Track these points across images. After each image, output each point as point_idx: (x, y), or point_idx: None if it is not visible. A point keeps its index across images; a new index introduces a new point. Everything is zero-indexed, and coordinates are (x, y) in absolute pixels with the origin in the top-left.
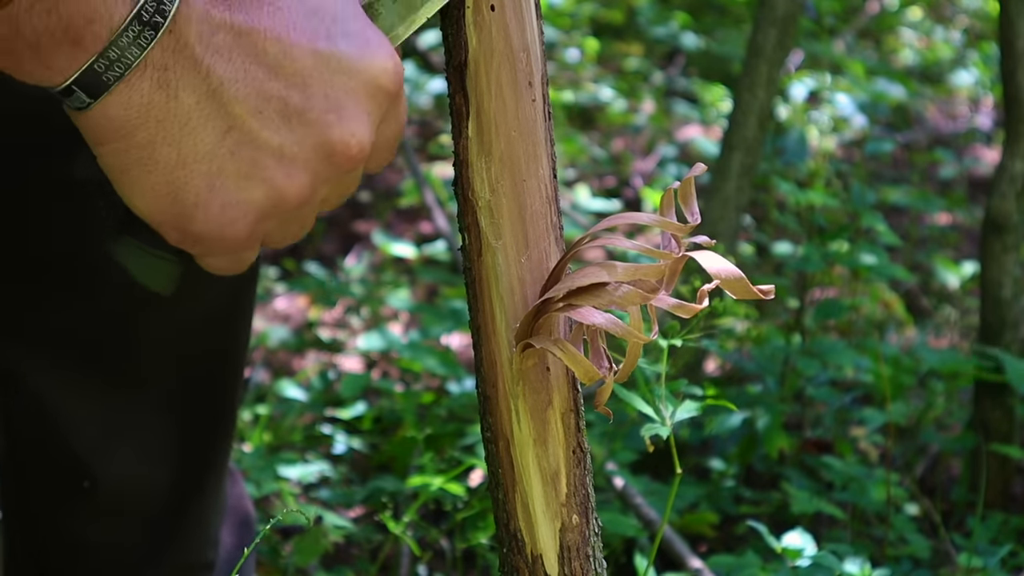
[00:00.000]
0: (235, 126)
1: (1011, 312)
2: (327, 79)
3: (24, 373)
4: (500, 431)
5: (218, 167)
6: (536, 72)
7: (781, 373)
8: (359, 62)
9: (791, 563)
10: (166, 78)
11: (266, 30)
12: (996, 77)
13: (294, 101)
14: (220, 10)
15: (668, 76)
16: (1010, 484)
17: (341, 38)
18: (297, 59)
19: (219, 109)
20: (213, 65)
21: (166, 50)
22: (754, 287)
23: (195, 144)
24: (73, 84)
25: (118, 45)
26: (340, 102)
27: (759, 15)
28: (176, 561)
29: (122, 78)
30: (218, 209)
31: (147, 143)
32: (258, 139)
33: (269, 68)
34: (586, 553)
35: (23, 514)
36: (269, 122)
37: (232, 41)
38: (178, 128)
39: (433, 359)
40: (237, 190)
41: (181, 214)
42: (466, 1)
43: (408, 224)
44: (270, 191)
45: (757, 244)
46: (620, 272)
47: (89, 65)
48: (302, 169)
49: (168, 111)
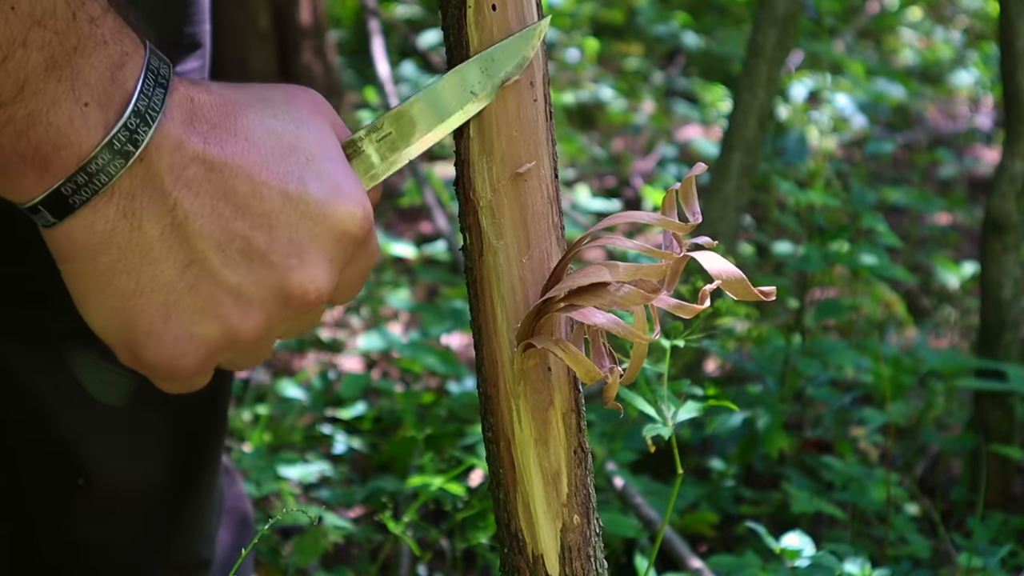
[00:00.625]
0: (196, 260)
1: (1011, 312)
2: (293, 222)
3: (18, 370)
4: (501, 431)
5: (175, 299)
6: (537, 72)
7: (781, 373)
8: (326, 207)
9: (791, 563)
10: (132, 207)
11: (238, 167)
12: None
13: (258, 242)
14: (195, 141)
15: (668, 76)
16: (1010, 484)
17: (312, 180)
18: (265, 199)
19: (182, 242)
20: (181, 198)
21: (135, 179)
22: (755, 288)
23: (154, 274)
24: (39, 204)
25: (87, 171)
26: (303, 246)
27: (759, 15)
28: (171, 559)
29: (88, 203)
30: (171, 341)
31: (107, 268)
32: (218, 276)
33: (237, 206)
34: (587, 553)
35: (18, 512)
36: (230, 260)
37: (203, 175)
38: (139, 257)
39: (433, 358)
40: (192, 324)
41: (134, 340)
42: (467, 1)
43: (408, 224)
44: (224, 328)
45: (757, 244)
46: (621, 272)
47: (55, 188)
48: (258, 309)
49: (131, 240)
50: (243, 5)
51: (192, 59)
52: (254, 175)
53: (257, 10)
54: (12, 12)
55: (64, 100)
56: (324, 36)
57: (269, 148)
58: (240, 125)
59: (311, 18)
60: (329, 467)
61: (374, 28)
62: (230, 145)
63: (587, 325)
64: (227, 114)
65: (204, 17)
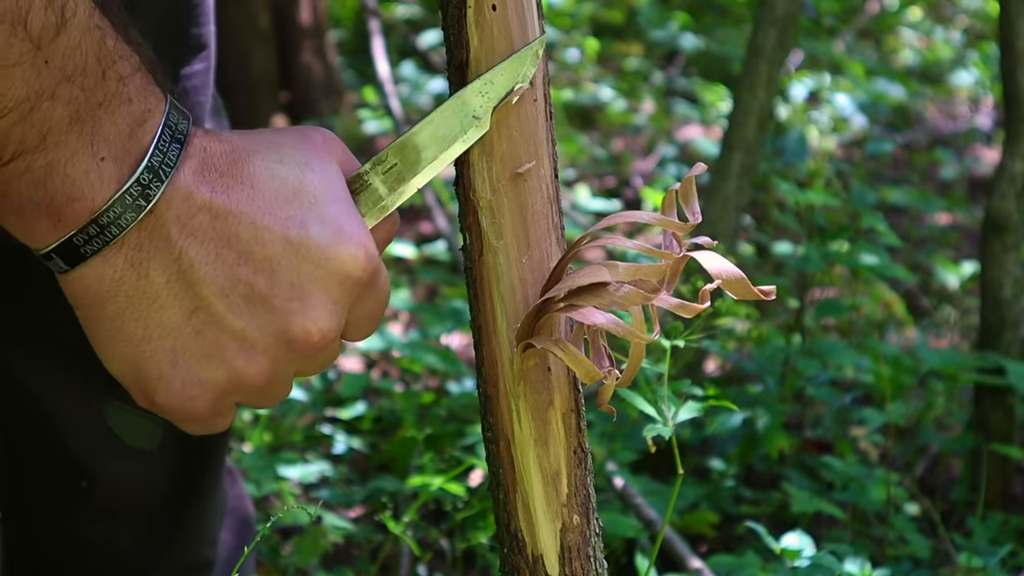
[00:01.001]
0: (201, 307)
1: (1011, 312)
2: (295, 267)
3: (20, 373)
4: (501, 431)
5: (182, 345)
6: (537, 72)
7: (781, 373)
8: (328, 250)
9: (791, 563)
10: (139, 257)
11: (242, 214)
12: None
13: (260, 287)
14: (203, 191)
15: (668, 76)
16: (1010, 484)
17: (314, 224)
18: (267, 245)
19: (187, 289)
20: (187, 247)
21: (144, 230)
22: (755, 288)
23: (161, 321)
24: (52, 252)
25: (99, 223)
26: (305, 290)
27: (759, 15)
28: (174, 561)
29: (99, 252)
30: (179, 385)
31: (116, 315)
32: (222, 321)
33: (240, 252)
34: (587, 553)
35: (22, 514)
36: (234, 305)
37: (209, 223)
38: (146, 305)
39: (433, 357)
40: (199, 368)
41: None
42: (467, 1)
43: (408, 224)
44: (230, 372)
45: (757, 244)
46: (621, 272)
47: (68, 238)
48: (262, 354)
49: (138, 288)
50: (243, 5)
51: (198, 61)
52: (256, 221)
53: (257, 10)
54: (45, 66)
55: (83, 153)
56: (324, 36)
57: (273, 193)
58: (246, 172)
59: (311, 18)
60: (329, 467)
61: (374, 28)
62: (235, 192)
63: (587, 325)
64: (234, 161)
65: (209, 18)
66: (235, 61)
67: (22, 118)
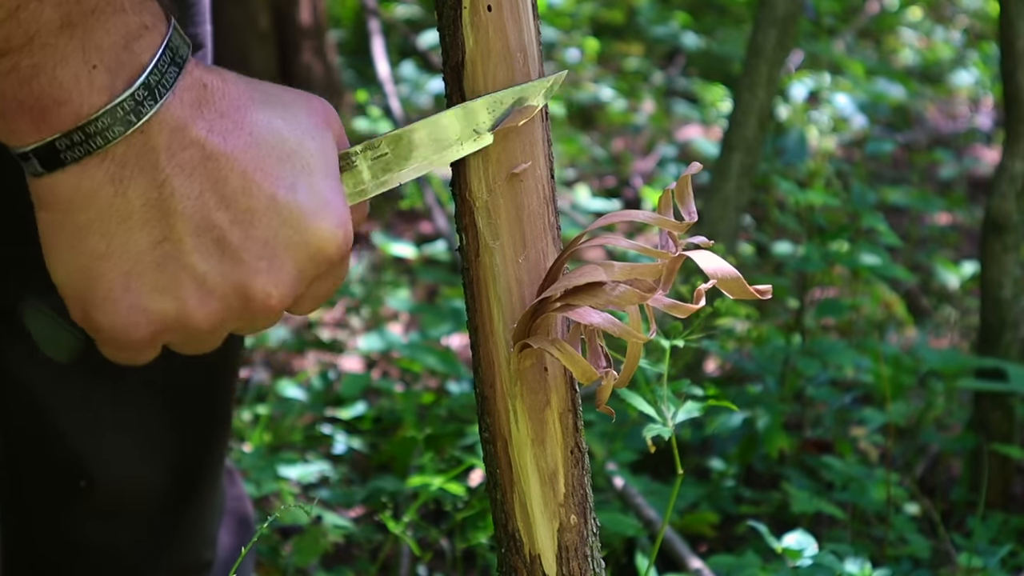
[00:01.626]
0: (170, 239)
1: (1011, 312)
2: (273, 227)
3: (14, 364)
4: (498, 431)
5: (139, 271)
6: (533, 72)
7: (781, 373)
8: (310, 220)
9: (791, 563)
10: (121, 174)
11: (235, 161)
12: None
13: (234, 236)
14: (199, 126)
15: (668, 76)
16: (1010, 484)
17: (303, 191)
18: (252, 198)
19: (162, 218)
20: (171, 176)
21: (131, 148)
22: (751, 287)
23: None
24: (30, 152)
25: (85, 131)
26: (276, 252)
27: (759, 15)
28: (174, 561)
29: (79, 161)
30: (125, 309)
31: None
32: (187, 259)
33: (223, 197)
34: (584, 553)
35: (21, 513)
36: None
37: (199, 160)
38: (116, 223)
39: (433, 358)
40: (149, 298)
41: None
42: (463, 1)
43: (408, 224)
44: (180, 310)
45: (757, 244)
46: (617, 271)
47: (50, 141)
48: (217, 300)
49: (111, 205)
50: (243, 5)
51: None
52: (248, 172)
53: (257, 10)
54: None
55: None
56: (324, 36)
57: (269, 149)
58: (247, 119)
59: (311, 18)
60: (329, 467)
61: (374, 28)
62: (232, 138)
63: (583, 325)
64: (237, 107)
65: (205, 18)
66: (235, 61)
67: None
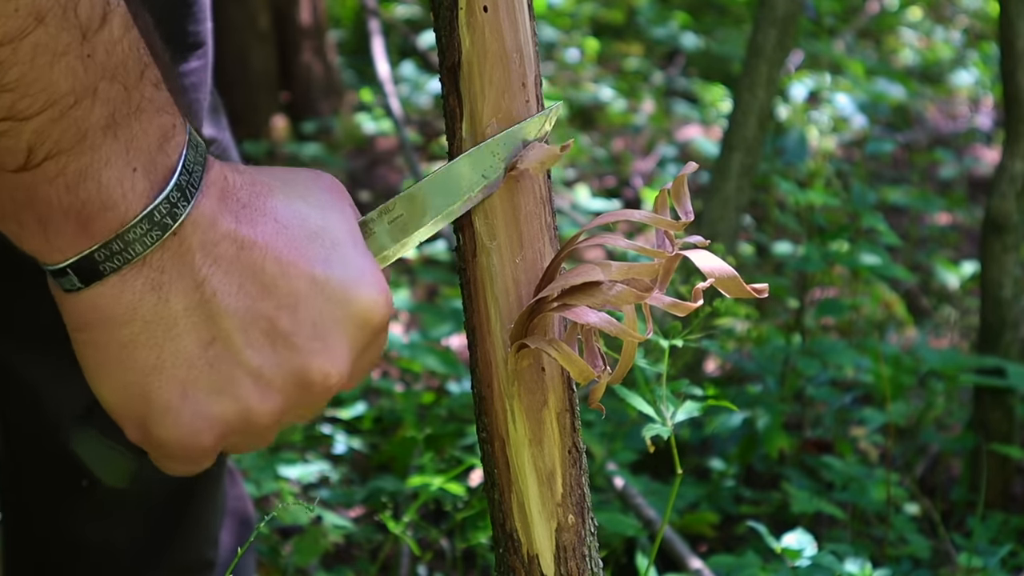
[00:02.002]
0: (219, 338)
1: (1011, 312)
2: (319, 306)
3: (18, 366)
4: (496, 431)
5: (195, 377)
6: (529, 73)
7: (781, 373)
8: (351, 292)
9: (791, 563)
10: (160, 280)
11: (268, 247)
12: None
13: (282, 323)
14: (228, 220)
15: (668, 76)
16: (1010, 484)
17: (338, 265)
18: (293, 281)
19: (207, 319)
20: (210, 275)
21: (167, 252)
22: (748, 286)
23: (176, 350)
24: (69, 266)
25: (124, 239)
26: (326, 331)
27: (759, 15)
28: (175, 560)
29: (118, 271)
30: (187, 418)
31: (129, 341)
32: (240, 355)
33: (264, 286)
34: (582, 553)
35: (22, 513)
36: (253, 340)
37: (234, 253)
38: (163, 332)
39: (433, 358)
40: (208, 403)
41: (149, 417)
42: (459, 2)
43: None
44: (241, 409)
45: (757, 244)
46: (614, 271)
47: (90, 252)
48: (277, 392)
49: (156, 314)
50: (243, 5)
51: (195, 58)
52: (282, 256)
53: (257, 10)
54: (89, 59)
55: (117, 160)
56: (324, 36)
57: (297, 230)
58: (269, 205)
59: (311, 18)
60: (329, 467)
61: (374, 28)
62: (260, 225)
63: (580, 325)
64: (257, 194)
65: (206, 16)
66: (235, 61)
67: (62, 115)
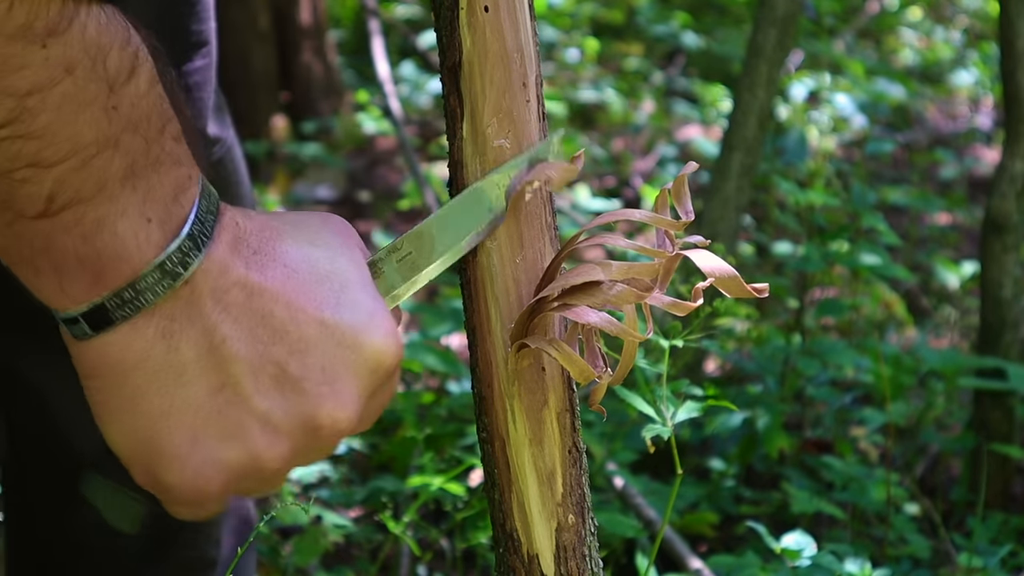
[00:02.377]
0: (229, 384)
1: (1011, 312)
2: (328, 351)
3: (22, 369)
4: (496, 431)
5: (203, 423)
6: (530, 73)
7: (781, 373)
8: (361, 336)
9: (791, 563)
10: (171, 328)
11: (277, 293)
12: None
13: (292, 368)
14: (239, 266)
15: (668, 76)
16: (1010, 484)
17: (347, 308)
18: (303, 326)
19: (217, 365)
20: (220, 322)
21: (179, 300)
22: (748, 285)
23: (186, 396)
24: (80, 314)
25: (135, 287)
26: (336, 375)
27: (759, 15)
28: (177, 559)
29: (129, 319)
30: (196, 464)
31: (138, 388)
32: (249, 401)
33: (274, 331)
34: (582, 553)
35: (26, 512)
36: (263, 386)
37: (244, 300)
38: (173, 379)
39: (433, 357)
40: (219, 449)
41: (158, 462)
42: (460, 2)
43: (408, 223)
44: (250, 455)
45: (757, 244)
46: (614, 270)
47: (102, 300)
48: (286, 437)
49: (166, 361)
50: (243, 5)
51: (199, 57)
52: (292, 301)
53: (257, 10)
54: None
55: (133, 211)
56: (324, 36)
57: (306, 274)
58: (279, 250)
59: (311, 18)
60: (329, 467)
61: (374, 28)
62: (270, 270)
63: (581, 325)
64: (267, 239)
65: (210, 15)
66: (235, 61)
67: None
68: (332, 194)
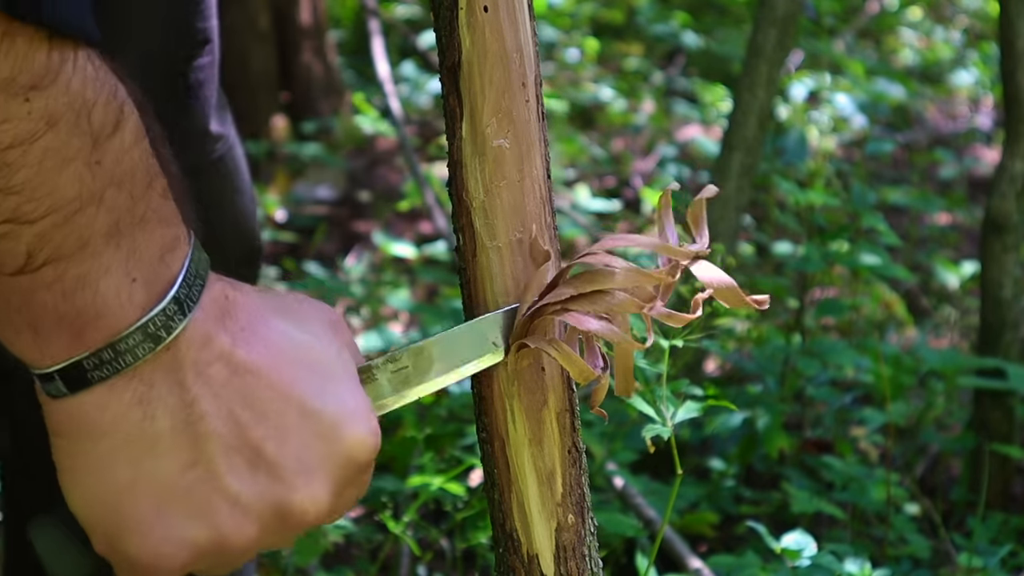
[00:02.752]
0: (201, 462)
1: (1011, 312)
2: (306, 439)
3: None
4: (496, 431)
5: (171, 497)
6: (530, 73)
7: (781, 373)
8: (340, 429)
9: (791, 563)
10: (149, 395)
11: (262, 373)
12: (996, 77)
13: (268, 453)
14: (224, 340)
15: (668, 76)
16: (1010, 484)
17: (331, 399)
18: (284, 411)
19: (192, 441)
20: (200, 396)
21: (159, 366)
22: (747, 297)
23: (155, 469)
24: (56, 372)
25: (115, 348)
26: (311, 465)
27: (759, 15)
28: None
29: (106, 380)
30: (157, 540)
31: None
32: (220, 481)
33: (255, 414)
34: (582, 553)
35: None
36: (235, 467)
37: (227, 376)
38: (144, 450)
39: None
40: (182, 526)
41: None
42: (459, 2)
43: (408, 224)
44: (215, 535)
45: (757, 244)
46: (618, 279)
47: (80, 359)
48: (254, 521)
49: (140, 430)
50: (243, 5)
51: (204, 54)
52: (275, 384)
53: (257, 10)
54: (97, 166)
55: (117, 270)
56: (324, 36)
57: (293, 359)
58: (268, 329)
59: (311, 18)
60: None
61: (374, 28)
62: (256, 348)
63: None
64: (257, 316)
65: (212, 13)
66: (235, 61)
67: (66, 220)
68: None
